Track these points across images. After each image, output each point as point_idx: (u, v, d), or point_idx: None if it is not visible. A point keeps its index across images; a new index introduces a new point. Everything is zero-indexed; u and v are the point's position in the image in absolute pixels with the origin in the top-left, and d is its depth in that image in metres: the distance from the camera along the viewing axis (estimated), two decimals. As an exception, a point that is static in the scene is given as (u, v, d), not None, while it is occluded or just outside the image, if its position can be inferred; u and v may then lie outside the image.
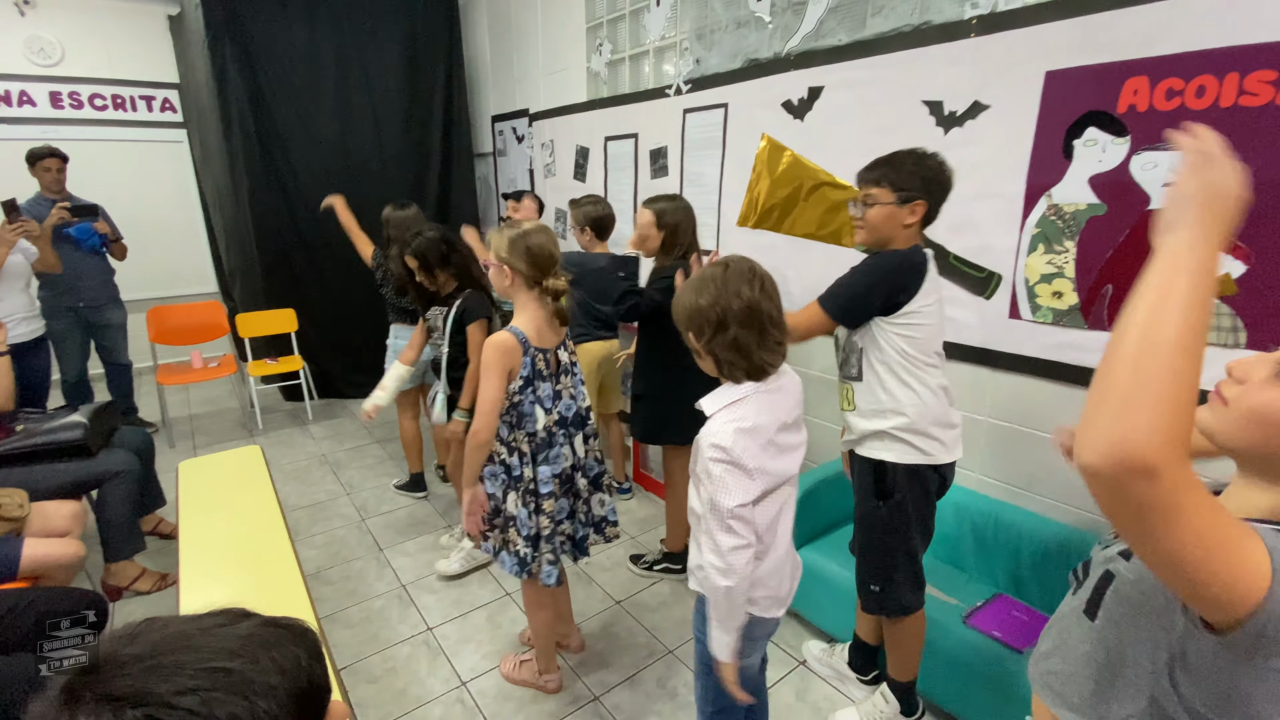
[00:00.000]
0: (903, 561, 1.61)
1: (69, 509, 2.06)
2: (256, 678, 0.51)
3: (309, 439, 3.88)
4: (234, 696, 0.50)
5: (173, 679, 0.49)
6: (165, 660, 0.50)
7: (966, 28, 1.87)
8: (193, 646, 0.52)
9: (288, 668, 0.54)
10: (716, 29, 2.66)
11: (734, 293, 1.12)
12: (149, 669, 0.49)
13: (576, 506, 1.79)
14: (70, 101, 4.56)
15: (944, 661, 1.71)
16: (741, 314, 1.12)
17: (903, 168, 1.46)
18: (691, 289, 1.16)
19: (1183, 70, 1.51)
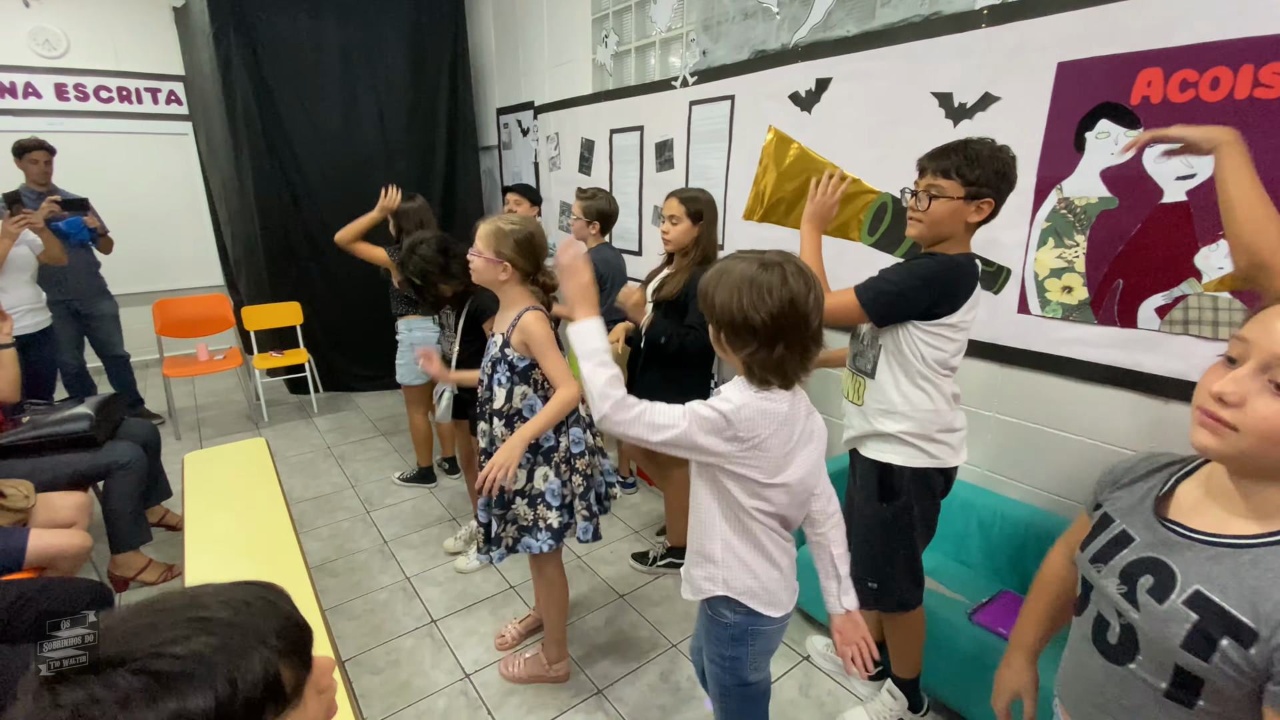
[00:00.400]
0: (902, 560, 1.59)
1: (75, 500, 2.07)
2: (240, 620, 0.54)
3: (314, 432, 3.89)
4: (221, 638, 0.52)
5: (157, 633, 0.51)
6: (145, 621, 0.52)
7: (977, 18, 1.85)
8: (171, 606, 0.54)
9: (269, 610, 0.57)
10: (723, 20, 2.64)
11: (788, 302, 0.99)
12: (130, 632, 0.51)
13: (594, 463, 1.82)
14: (75, 94, 4.56)
15: (949, 658, 1.71)
16: (793, 331, 1.01)
17: (978, 159, 1.33)
18: (737, 290, 1.01)
19: (1197, 62, 1.48)
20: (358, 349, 4.47)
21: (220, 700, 0.50)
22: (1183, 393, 1.60)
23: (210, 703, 0.49)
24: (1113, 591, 0.79)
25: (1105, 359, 1.73)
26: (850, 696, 1.90)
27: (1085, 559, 0.86)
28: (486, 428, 1.74)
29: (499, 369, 1.68)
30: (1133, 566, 0.78)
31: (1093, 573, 0.84)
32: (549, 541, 1.71)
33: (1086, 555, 0.86)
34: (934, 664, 1.73)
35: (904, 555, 1.59)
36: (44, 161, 3.34)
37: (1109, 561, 0.81)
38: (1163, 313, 1.62)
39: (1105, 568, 0.81)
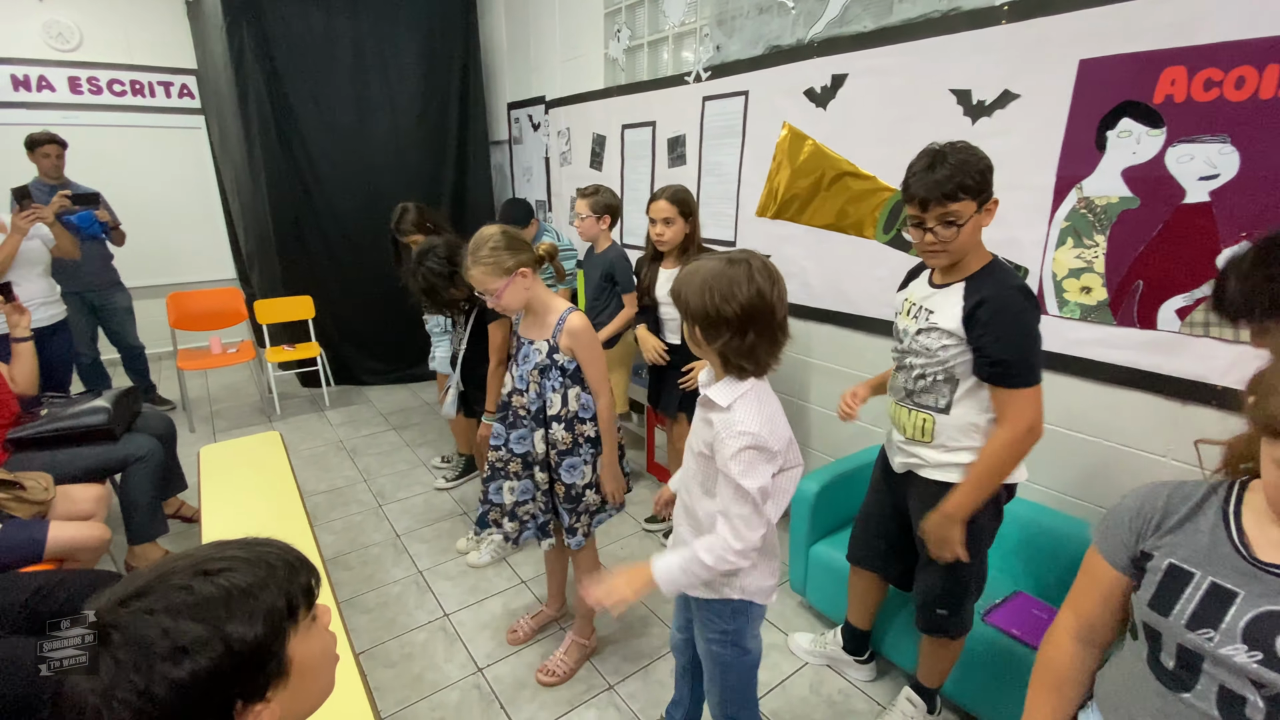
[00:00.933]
0: (973, 585, 1.56)
1: (93, 492, 2.09)
2: (255, 540, 0.66)
3: (326, 425, 3.92)
4: (247, 547, 0.64)
5: (189, 558, 0.60)
6: (173, 556, 0.61)
7: (997, 14, 1.83)
8: (186, 552, 0.62)
9: (284, 545, 0.67)
10: (738, 15, 2.62)
11: (755, 295, 1.07)
12: (166, 561, 0.60)
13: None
14: (89, 87, 4.58)
15: (962, 660, 1.70)
16: (761, 320, 1.09)
17: (968, 164, 1.28)
18: (708, 287, 1.09)
19: (1222, 60, 1.46)
20: (369, 343, 4.50)
21: (276, 590, 0.60)
22: (1202, 395, 1.59)
23: (271, 593, 0.59)
24: (1244, 660, 0.68)
25: (1123, 360, 1.71)
26: (860, 694, 1.91)
27: (1178, 624, 0.74)
28: (545, 434, 1.72)
29: (550, 375, 1.68)
30: (1258, 626, 0.68)
31: (1198, 641, 0.72)
32: (613, 509, 1.86)
33: (1177, 618, 0.74)
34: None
35: (975, 579, 1.55)
36: (56, 155, 3.37)
37: (1218, 625, 0.71)
38: (1183, 314, 1.60)
39: (1217, 633, 0.71)
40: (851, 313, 2.41)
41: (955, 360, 1.40)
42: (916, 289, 1.52)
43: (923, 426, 1.48)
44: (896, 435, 1.58)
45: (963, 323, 1.36)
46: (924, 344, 1.43)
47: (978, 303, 1.34)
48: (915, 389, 1.49)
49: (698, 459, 1.23)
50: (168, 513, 2.64)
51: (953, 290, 1.40)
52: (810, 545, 2.12)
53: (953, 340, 1.38)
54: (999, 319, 1.32)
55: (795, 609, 2.28)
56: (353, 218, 4.16)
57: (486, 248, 1.59)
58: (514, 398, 1.76)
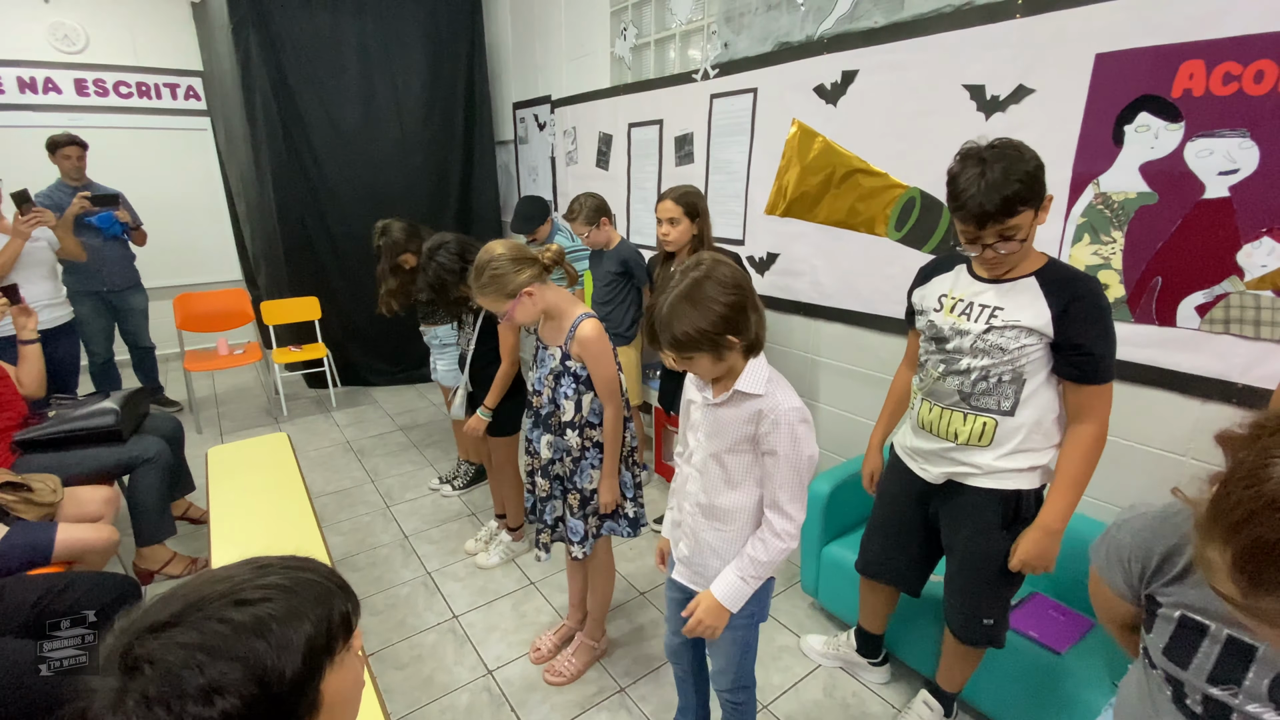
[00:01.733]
0: (1015, 589, 1.52)
1: (101, 494, 2.09)
2: (293, 561, 0.63)
3: (333, 426, 3.91)
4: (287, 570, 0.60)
5: (225, 583, 0.57)
6: (210, 578, 0.58)
7: (1012, 8, 1.81)
8: (230, 572, 0.59)
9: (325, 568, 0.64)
10: (746, 11, 2.60)
11: (731, 285, 1.12)
12: (201, 584, 0.57)
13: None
14: (95, 89, 4.59)
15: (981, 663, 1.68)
16: (749, 299, 1.14)
17: (1021, 172, 1.21)
18: (692, 306, 1.10)
19: (1241, 54, 1.44)
20: (376, 344, 4.49)
21: (316, 625, 0.57)
22: (1222, 393, 1.57)
23: (310, 628, 0.56)
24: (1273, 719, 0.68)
25: (1142, 358, 1.69)
26: (875, 697, 1.89)
27: (1199, 679, 0.72)
28: (553, 439, 1.73)
29: (563, 382, 1.68)
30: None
31: (1224, 696, 0.70)
32: (627, 528, 1.81)
33: (1196, 673, 0.72)
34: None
35: (1017, 584, 1.51)
36: (77, 157, 3.41)
37: (1241, 683, 0.69)
38: (1203, 311, 1.58)
39: (1241, 690, 0.69)
40: (864, 311, 2.39)
41: (1030, 359, 1.33)
42: (961, 285, 1.43)
43: (983, 430, 1.40)
44: (935, 443, 1.50)
45: (1054, 321, 1.29)
46: (996, 342, 1.34)
47: (1071, 299, 1.28)
48: (974, 391, 1.40)
49: (717, 458, 1.25)
50: (176, 514, 2.63)
51: (1023, 286, 1.33)
52: (823, 546, 2.10)
53: (1033, 338, 1.31)
54: (1095, 316, 1.28)
55: (808, 610, 2.26)
56: (359, 219, 4.15)
57: (487, 274, 1.59)
58: (533, 399, 1.78)
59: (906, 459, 1.61)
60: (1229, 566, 0.55)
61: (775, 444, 1.16)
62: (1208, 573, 0.59)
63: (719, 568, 1.30)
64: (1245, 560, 0.54)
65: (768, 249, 2.72)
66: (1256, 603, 0.55)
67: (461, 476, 3.12)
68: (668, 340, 1.13)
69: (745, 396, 1.18)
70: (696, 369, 1.19)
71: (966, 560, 1.51)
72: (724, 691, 1.48)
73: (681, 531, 1.38)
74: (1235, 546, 0.55)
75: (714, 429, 1.24)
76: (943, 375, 1.45)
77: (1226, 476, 0.58)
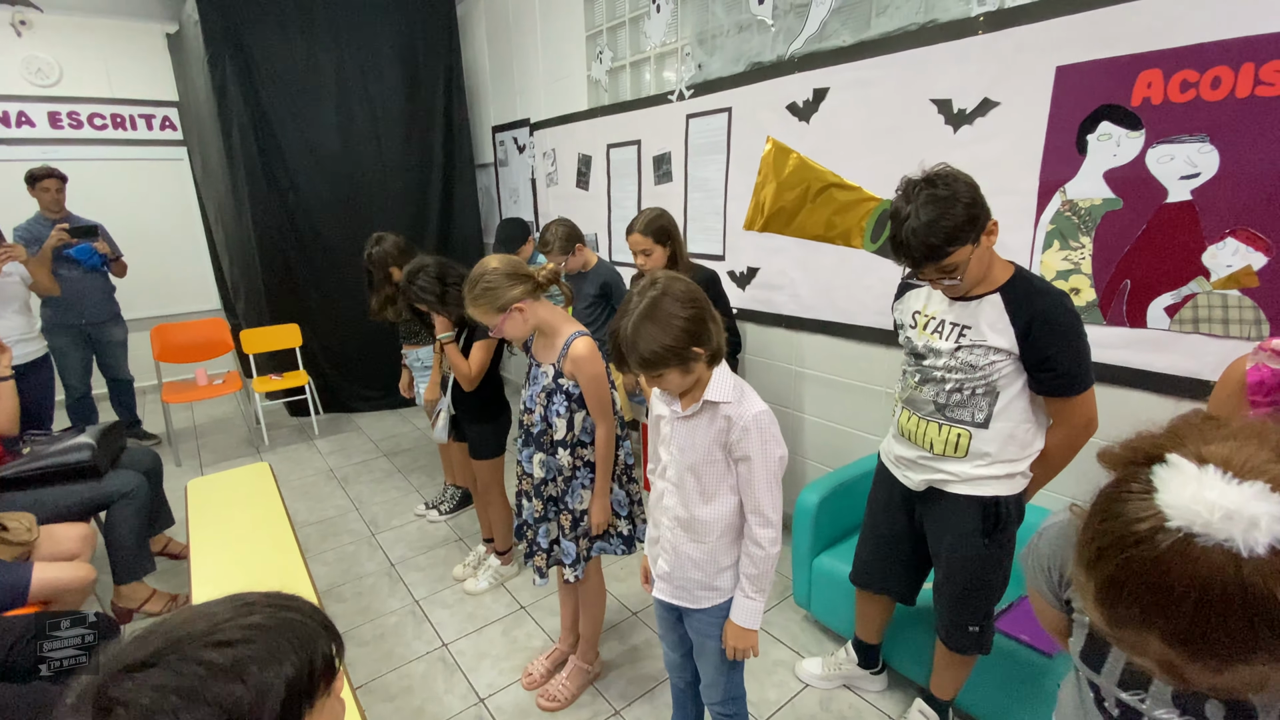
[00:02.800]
0: (999, 595, 1.53)
1: (78, 531, 2.04)
2: (279, 600, 0.61)
3: (316, 454, 3.86)
4: (273, 609, 0.58)
5: (209, 620, 0.55)
6: (189, 616, 0.56)
7: (974, 25, 1.86)
8: (211, 609, 0.57)
9: (310, 607, 0.62)
10: (718, 33, 2.65)
11: (687, 299, 1.16)
12: (180, 623, 0.55)
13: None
14: (69, 121, 4.57)
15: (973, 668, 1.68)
16: (706, 308, 1.17)
17: (960, 215, 1.23)
18: (655, 324, 1.13)
19: (1197, 62, 1.49)
20: (358, 369, 4.45)
21: (298, 668, 0.55)
22: (1195, 391, 1.60)
23: (291, 670, 0.54)
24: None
25: (1115, 360, 1.72)
26: (871, 708, 1.88)
27: (1110, 683, 0.72)
28: (545, 458, 1.72)
29: (555, 400, 1.67)
30: (1186, 694, 0.66)
31: (1133, 701, 0.71)
32: (621, 547, 1.80)
33: (1108, 677, 0.73)
34: (956, 673, 1.70)
35: (1001, 589, 1.52)
36: (55, 189, 3.40)
37: (1148, 688, 0.69)
38: (1172, 312, 1.61)
39: (1148, 696, 0.69)
40: (843, 322, 2.41)
41: (1001, 374, 1.35)
42: (933, 302, 1.45)
43: (957, 442, 1.43)
44: (915, 451, 1.52)
45: (1019, 339, 1.32)
46: (967, 360, 1.37)
47: (1032, 316, 1.30)
48: (949, 403, 1.42)
49: (693, 470, 1.26)
50: (155, 550, 2.58)
51: (987, 304, 1.35)
52: (814, 558, 2.10)
53: (1002, 355, 1.34)
54: (1060, 333, 1.30)
55: (801, 624, 2.25)
56: (339, 244, 4.14)
57: (480, 286, 1.59)
58: (524, 417, 1.77)
59: (891, 466, 1.63)
60: (1093, 596, 0.55)
61: (747, 449, 1.19)
62: (1081, 597, 0.58)
63: (700, 579, 1.32)
64: (1103, 594, 0.54)
65: (748, 263, 2.74)
66: (1116, 632, 0.55)
67: (448, 501, 3.08)
68: (636, 361, 1.15)
69: (714, 405, 1.21)
70: (666, 385, 1.20)
71: (950, 567, 1.52)
72: (715, 705, 1.47)
73: (660, 548, 1.39)
74: (1095, 579, 0.54)
75: (686, 441, 1.26)
76: (919, 385, 1.48)
77: (1090, 506, 0.57)
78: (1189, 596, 0.48)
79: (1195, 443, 0.53)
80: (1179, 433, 0.55)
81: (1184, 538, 0.49)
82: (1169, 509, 0.50)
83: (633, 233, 2.31)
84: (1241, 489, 0.48)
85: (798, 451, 2.73)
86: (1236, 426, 0.54)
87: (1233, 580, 0.47)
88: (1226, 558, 0.47)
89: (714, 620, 1.35)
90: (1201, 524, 0.48)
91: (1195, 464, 0.51)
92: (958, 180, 1.27)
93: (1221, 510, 0.47)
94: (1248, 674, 0.50)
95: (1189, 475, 0.50)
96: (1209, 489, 0.49)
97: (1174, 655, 0.51)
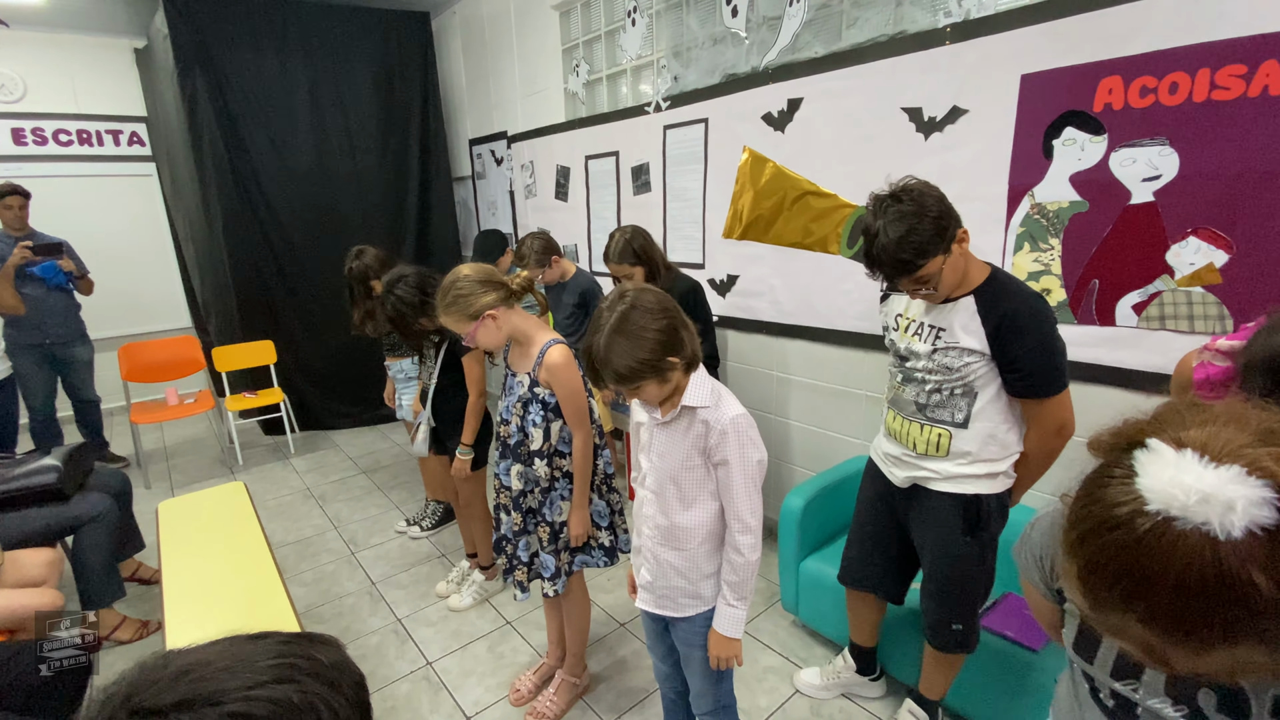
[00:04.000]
0: (983, 594, 1.54)
1: (44, 557, 1.96)
2: (318, 670, 0.50)
3: (292, 473, 3.78)
4: (301, 687, 0.48)
5: (239, 676, 0.47)
6: (221, 664, 0.47)
7: (941, 35, 1.91)
8: (242, 654, 0.49)
9: (340, 662, 0.53)
10: (693, 46, 2.69)
11: (658, 309, 1.15)
12: (210, 673, 0.46)
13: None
14: (34, 138, 4.46)
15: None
16: (676, 316, 1.17)
17: (928, 229, 1.26)
18: (627, 338, 1.12)
19: (1155, 68, 1.55)
20: (335, 386, 4.39)
21: None
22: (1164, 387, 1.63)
23: None
24: (1172, 714, 0.67)
25: (1087, 357, 1.76)
26: (863, 711, 1.88)
27: (1104, 674, 0.73)
28: (523, 469, 1.69)
29: (531, 409, 1.65)
30: (1179, 681, 0.66)
31: (1126, 691, 0.71)
32: (603, 559, 1.78)
33: (1101, 667, 0.73)
34: (943, 672, 1.71)
35: (985, 588, 1.53)
36: (19, 206, 3.31)
37: (1140, 677, 0.69)
38: (1139, 309, 1.66)
39: (1140, 685, 0.69)
40: (822, 327, 2.44)
41: (977, 375, 1.38)
42: (914, 305, 1.48)
43: (938, 442, 1.45)
44: (900, 449, 1.54)
45: (989, 340, 1.35)
46: (944, 363, 1.40)
47: (1001, 317, 1.33)
48: (929, 403, 1.45)
49: (672, 477, 1.26)
50: (125, 575, 2.49)
51: (961, 306, 1.38)
52: (800, 561, 2.10)
53: (975, 357, 1.37)
54: (1028, 334, 1.32)
55: (789, 629, 2.24)
56: (314, 260, 4.09)
57: (451, 293, 1.59)
58: (501, 428, 1.74)
59: (880, 463, 1.65)
60: (1076, 580, 0.55)
61: (725, 453, 1.19)
62: (1065, 583, 0.58)
63: (683, 587, 1.31)
64: (1085, 577, 0.54)
65: (727, 271, 2.77)
66: (1101, 617, 0.55)
67: (429, 517, 3.03)
68: (611, 377, 1.14)
69: (692, 410, 1.21)
70: (644, 396, 1.19)
71: (933, 564, 1.54)
72: (705, 715, 1.46)
73: (642, 557, 1.38)
74: (1077, 563, 0.55)
75: (665, 447, 1.26)
76: (902, 385, 1.51)
77: (1077, 491, 0.58)
78: (1166, 580, 0.49)
79: (1175, 427, 0.54)
80: (1161, 418, 0.56)
81: (1162, 521, 0.49)
82: (1148, 493, 0.51)
83: (609, 261, 2.34)
84: (1218, 473, 0.48)
85: (782, 457, 2.74)
86: (1218, 411, 0.54)
87: (1209, 563, 0.47)
88: (1203, 541, 0.47)
89: (699, 630, 1.34)
90: (1179, 507, 0.49)
91: (1174, 448, 0.51)
92: (924, 195, 1.30)
93: (1198, 494, 0.48)
94: (1229, 657, 0.51)
95: (1167, 459, 0.51)
96: (1186, 473, 0.49)
97: (1154, 638, 0.52)
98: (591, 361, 1.15)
